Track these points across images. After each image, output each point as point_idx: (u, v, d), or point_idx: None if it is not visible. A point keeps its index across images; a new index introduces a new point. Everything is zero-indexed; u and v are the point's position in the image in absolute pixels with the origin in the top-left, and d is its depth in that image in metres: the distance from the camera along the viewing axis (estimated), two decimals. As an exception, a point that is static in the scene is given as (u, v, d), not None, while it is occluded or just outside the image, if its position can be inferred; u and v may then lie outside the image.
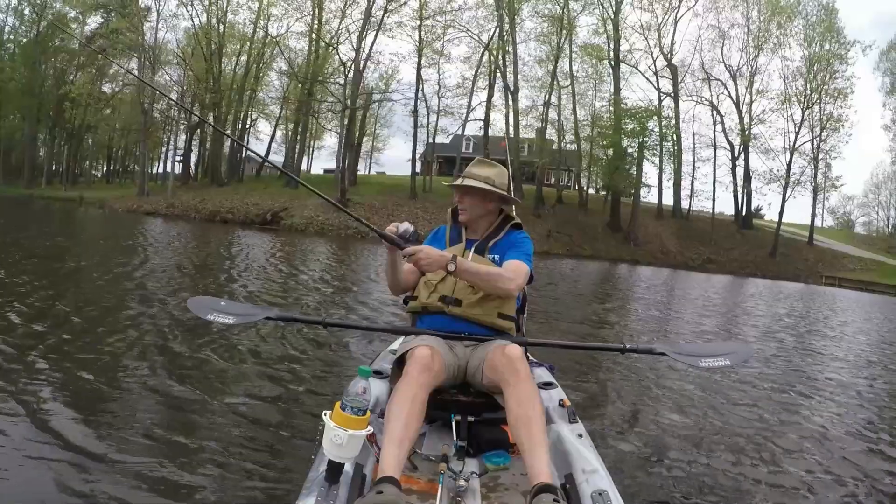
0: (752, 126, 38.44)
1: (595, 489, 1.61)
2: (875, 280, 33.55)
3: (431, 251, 2.09)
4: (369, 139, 49.06)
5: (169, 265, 9.56)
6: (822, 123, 38.03)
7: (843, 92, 37.66)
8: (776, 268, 35.29)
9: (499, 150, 38.26)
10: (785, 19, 37.89)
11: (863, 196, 61.44)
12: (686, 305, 11.53)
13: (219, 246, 15.02)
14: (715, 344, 2.55)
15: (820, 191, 39.79)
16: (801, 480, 2.82)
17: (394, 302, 7.15)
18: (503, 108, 36.90)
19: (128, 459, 2.44)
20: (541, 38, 37.50)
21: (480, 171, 2.38)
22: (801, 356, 6.60)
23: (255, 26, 37.02)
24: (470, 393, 2.15)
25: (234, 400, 3.35)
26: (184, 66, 38.85)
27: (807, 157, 38.62)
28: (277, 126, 43.07)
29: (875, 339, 9.84)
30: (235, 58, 39.33)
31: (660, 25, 38.07)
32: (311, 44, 36.10)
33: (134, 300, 6.06)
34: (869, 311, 16.85)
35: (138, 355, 4.03)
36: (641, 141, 35.94)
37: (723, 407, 3.96)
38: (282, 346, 4.74)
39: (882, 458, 3.30)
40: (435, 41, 36.46)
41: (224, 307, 2.39)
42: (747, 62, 38.94)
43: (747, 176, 39.14)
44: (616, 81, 36.91)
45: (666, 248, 35.90)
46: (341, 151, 35.46)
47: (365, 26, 34.00)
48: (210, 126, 35.60)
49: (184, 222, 26.27)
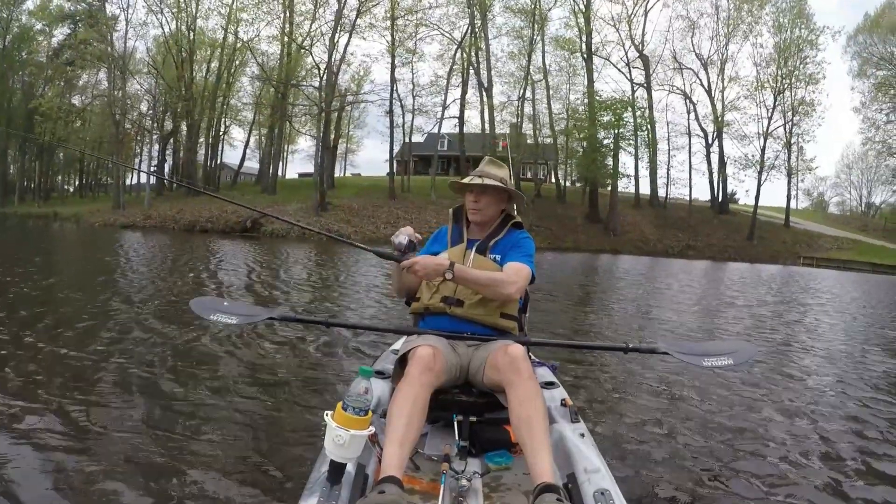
0: (725, 113, 39.67)
1: (597, 489, 1.63)
2: (853, 258, 34.70)
3: (428, 261, 2.15)
4: (343, 141, 49.33)
5: (156, 277, 9.77)
6: (793, 108, 39.32)
7: (814, 77, 39.07)
8: (754, 251, 36.52)
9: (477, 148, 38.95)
10: (756, 7, 39.01)
11: (835, 177, 63.70)
12: (676, 297, 11.71)
13: (203, 256, 15.30)
14: (718, 343, 2.74)
15: (794, 174, 41.02)
16: (810, 479, 2.79)
17: (394, 302, 7.46)
18: (478, 105, 37.50)
19: (130, 461, 2.55)
20: (513, 33, 38.25)
21: (496, 171, 2.41)
22: (807, 350, 6.41)
23: (225, 31, 37.36)
24: (472, 393, 2.17)
25: (235, 401, 3.46)
26: (155, 75, 38.83)
27: (780, 142, 39.93)
28: (251, 132, 43.28)
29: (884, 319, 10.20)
30: (206, 64, 39.46)
31: (630, 17, 39.13)
32: (282, 47, 36.48)
33: (129, 308, 6.33)
34: (864, 290, 17.40)
35: (138, 360, 4.20)
36: (617, 132, 36.80)
37: (726, 405, 3.95)
38: (283, 346, 4.87)
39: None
40: (407, 40, 37.08)
41: (227, 308, 2.43)
42: (718, 50, 40.30)
43: (722, 162, 40.40)
44: (589, 74, 37.96)
45: (645, 237, 36.84)
46: (319, 155, 35.76)
47: (337, 27, 34.34)
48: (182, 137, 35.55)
49: (163, 234, 26.27)
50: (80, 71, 38.49)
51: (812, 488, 2.70)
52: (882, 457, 3.12)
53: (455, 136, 41.66)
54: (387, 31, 36.01)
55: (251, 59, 38.77)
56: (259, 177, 41.93)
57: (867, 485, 2.75)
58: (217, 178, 40.44)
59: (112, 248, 16.24)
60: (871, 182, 61.52)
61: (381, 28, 35.98)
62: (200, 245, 18.82)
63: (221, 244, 20.16)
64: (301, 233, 29.85)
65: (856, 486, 2.72)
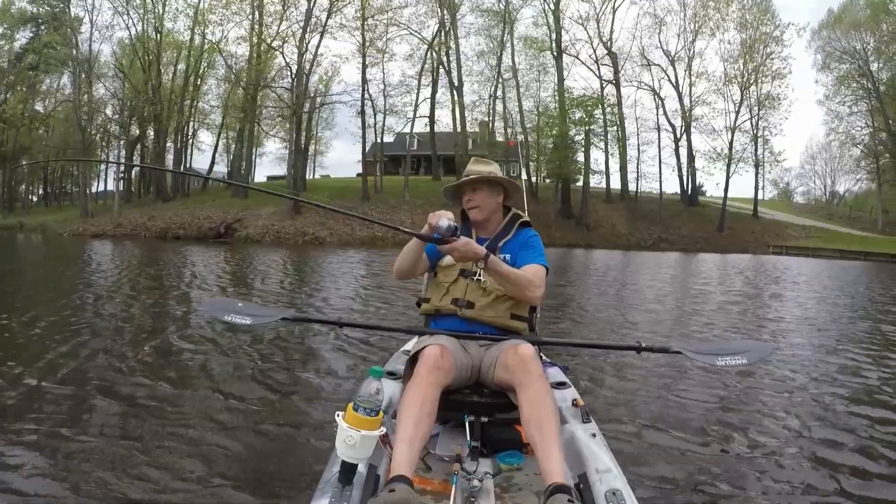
0: (693, 108, 41.33)
1: (609, 488, 1.65)
2: (821, 246, 36.03)
3: (469, 245, 2.14)
4: (313, 142, 49.57)
5: (148, 288, 9.69)
6: (760, 102, 41.14)
7: (780, 72, 40.98)
8: (724, 241, 38.07)
9: (449, 147, 39.73)
10: (723, 4, 40.79)
11: (800, 167, 66.67)
12: (666, 290, 12.06)
13: (183, 263, 15.34)
14: (731, 342, 2.72)
15: (762, 166, 42.72)
16: (824, 482, 2.78)
17: (404, 304, 7.77)
18: (449, 104, 38.37)
19: (139, 462, 2.66)
20: (483, 32, 39.14)
21: (483, 168, 2.48)
22: (823, 347, 6.25)
23: (192, 32, 37.43)
24: (483, 393, 2.20)
25: (247, 401, 3.58)
26: (122, 78, 38.70)
27: (748, 135, 41.82)
28: (220, 135, 43.50)
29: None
30: (173, 66, 39.38)
31: (598, 15, 40.27)
32: (251, 48, 36.76)
33: (137, 309, 6.77)
34: (854, 277, 18.12)
35: (142, 359, 4.47)
36: (588, 129, 37.91)
37: (740, 405, 3.97)
38: (294, 347, 5.04)
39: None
40: (377, 40, 37.70)
41: (240, 308, 2.46)
42: (685, 46, 42.04)
43: (691, 156, 42.02)
44: (559, 72, 39.07)
45: (618, 231, 38.04)
46: (292, 157, 36.04)
47: (306, 28, 34.70)
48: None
49: (134, 242, 26.33)
50: (43, 75, 38.13)
51: (832, 490, 2.68)
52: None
53: (424, 136, 42.55)
54: (357, 30, 36.60)
55: (219, 61, 38.93)
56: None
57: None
58: (186, 183, 40.38)
59: (87, 259, 16.02)
60: (834, 172, 64.81)
61: (351, 28, 36.54)
62: (177, 252, 18.94)
63: (198, 251, 20.33)
64: (276, 237, 30.55)
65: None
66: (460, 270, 2.37)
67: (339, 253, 21.69)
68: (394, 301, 8.41)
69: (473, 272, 2.34)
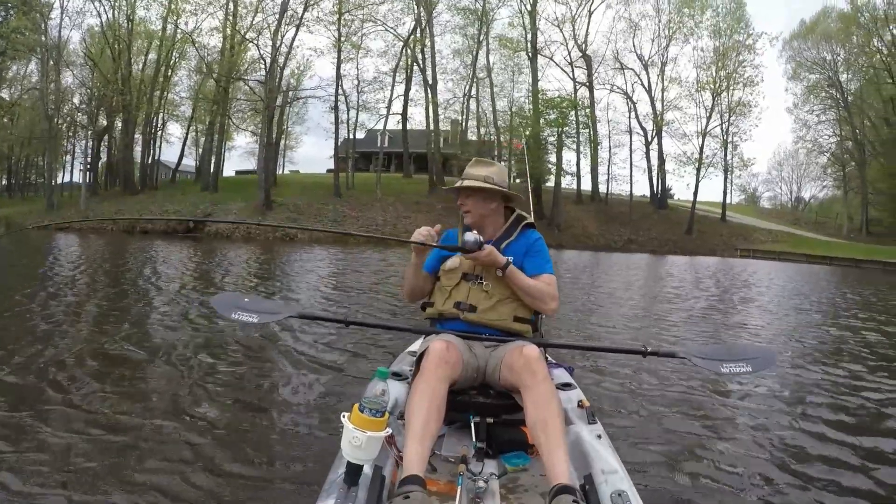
0: (664, 112, 42.61)
1: (614, 490, 1.67)
2: (787, 250, 37.34)
3: (493, 254, 2.27)
4: (283, 137, 49.61)
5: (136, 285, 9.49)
6: (731, 109, 42.40)
7: (752, 80, 42.24)
8: (693, 244, 39.28)
9: (421, 145, 40.19)
10: (697, 11, 42.01)
11: (767, 173, 69.06)
12: (643, 290, 12.52)
13: (155, 258, 15.10)
14: (737, 347, 2.77)
15: (731, 171, 44.12)
16: (836, 488, 2.80)
17: (406, 304, 7.72)
18: (422, 102, 38.93)
19: (143, 462, 2.68)
20: (458, 30, 39.68)
21: (479, 171, 2.48)
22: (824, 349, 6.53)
23: (165, 22, 37.13)
24: (489, 394, 2.23)
25: (252, 402, 3.63)
26: (91, 67, 38.34)
27: (718, 140, 43.14)
28: (190, 128, 43.32)
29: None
30: (144, 56, 39.13)
31: (574, 17, 40.98)
32: (224, 40, 36.70)
33: (131, 307, 6.74)
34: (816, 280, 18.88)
35: (144, 359, 4.53)
36: (561, 130, 38.72)
37: (745, 408, 4.03)
38: (300, 347, 5.08)
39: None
40: (353, 35, 38.01)
41: (247, 304, 2.46)
42: (659, 52, 43.19)
43: (661, 159, 43.26)
44: (534, 73, 39.77)
45: (588, 232, 38.91)
46: (262, 151, 36.05)
47: (281, 20, 34.83)
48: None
49: (100, 236, 26.13)
50: (10, 62, 37.60)
51: (844, 498, 2.71)
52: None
53: (395, 133, 42.99)
54: (333, 25, 36.79)
55: (191, 52, 38.78)
56: (198, 175, 42.05)
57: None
58: (155, 176, 40.15)
59: (50, 255, 15.19)
60: (800, 178, 67.48)
61: (327, 22, 36.71)
62: (147, 249, 18.62)
63: (167, 246, 20.13)
64: (246, 232, 30.15)
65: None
66: (463, 274, 2.41)
67: (307, 250, 21.66)
68: (397, 302, 8.38)
69: (476, 275, 2.39)
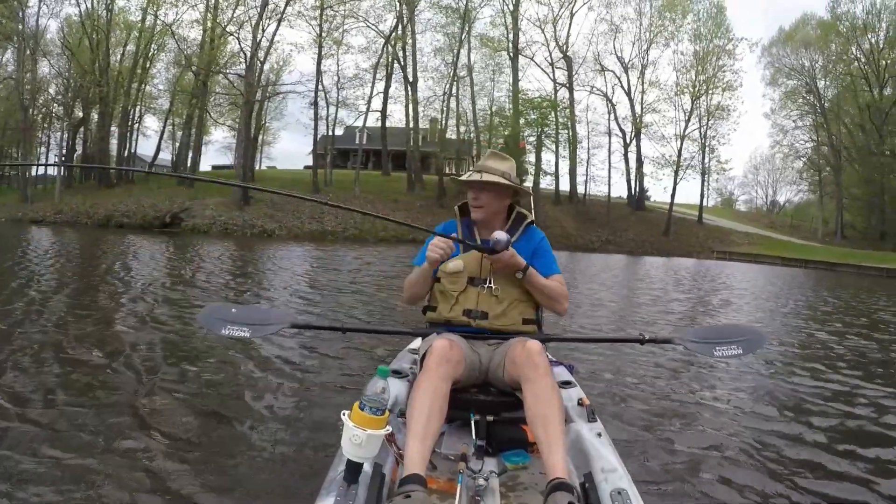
0: (643, 115, 43.41)
1: (614, 488, 1.67)
2: (763, 252, 38.14)
3: (515, 257, 2.27)
4: (261, 133, 49.58)
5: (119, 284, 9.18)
6: (710, 112, 43.27)
7: (731, 84, 43.15)
8: (670, 245, 39.97)
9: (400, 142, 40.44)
10: (678, 15, 42.81)
11: (743, 176, 70.55)
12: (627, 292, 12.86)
13: (128, 253, 15.11)
14: (729, 327, 2.83)
15: (708, 173, 44.91)
16: (839, 487, 2.81)
17: (398, 305, 7.79)
18: (402, 100, 39.34)
19: (142, 462, 2.68)
20: (440, 28, 40.04)
21: (497, 165, 2.43)
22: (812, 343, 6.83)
23: (144, 12, 36.96)
24: (489, 392, 2.23)
25: (251, 401, 3.62)
26: (68, 57, 38.07)
27: (696, 143, 43.99)
28: (167, 122, 43.28)
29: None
30: (122, 47, 38.93)
31: (556, 18, 41.41)
32: (204, 33, 36.62)
33: (112, 309, 6.61)
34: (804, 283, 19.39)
35: (144, 359, 4.48)
36: (541, 130, 39.28)
37: (745, 403, 4.05)
38: (299, 346, 5.08)
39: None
40: (334, 31, 38.25)
41: (237, 316, 2.41)
42: (639, 55, 43.87)
43: (640, 161, 44.02)
44: (515, 72, 40.21)
45: (567, 232, 39.42)
46: (241, 146, 36.11)
47: (263, 14, 35.00)
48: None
49: (75, 230, 26.00)
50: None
51: (845, 496, 2.71)
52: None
53: (373, 130, 43.25)
54: (314, 20, 36.99)
55: (171, 44, 38.61)
56: (175, 169, 41.98)
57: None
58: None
59: (26, 249, 15.08)
60: (776, 182, 69.20)
61: (308, 17, 36.88)
62: (122, 243, 18.52)
63: (143, 241, 19.94)
64: (223, 227, 30.24)
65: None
66: (469, 278, 2.37)
67: (287, 246, 21.76)
68: (392, 303, 8.35)
69: (483, 279, 2.36)
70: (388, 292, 9.57)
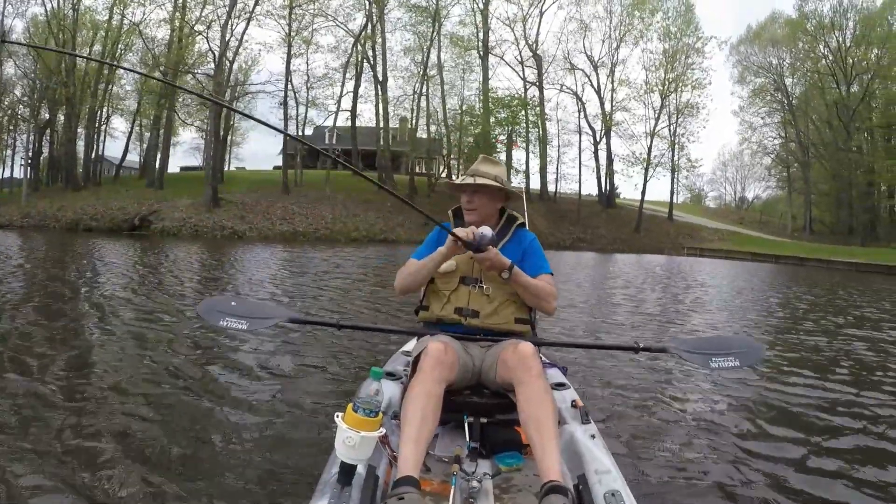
0: (613, 113, 44.27)
1: (608, 490, 1.69)
2: (733, 248, 38.99)
3: (499, 256, 2.25)
4: (230, 133, 49.58)
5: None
6: (679, 110, 44.38)
7: (700, 82, 44.26)
8: (641, 242, 41.08)
9: (371, 142, 40.82)
10: (648, 14, 43.73)
11: (711, 173, 72.09)
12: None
13: (98, 258, 14.97)
14: (724, 339, 2.79)
15: (678, 171, 46.00)
16: (826, 485, 2.83)
17: (400, 305, 7.80)
18: (372, 99, 39.86)
19: (137, 461, 2.69)
20: (410, 28, 40.57)
21: (490, 169, 2.48)
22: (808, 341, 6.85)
23: (111, 12, 36.94)
24: (483, 394, 2.26)
25: (245, 402, 3.63)
26: (34, 57, 37.80)
27: (666, 141, 45.01)
28: (135, 123, 43.26)
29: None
30: (89, 48, 38.77)
31: (525, 17, 42.13)
32: (172, 32, 36.65)
33: (116, 317, 6.49)
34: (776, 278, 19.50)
35: (144, 361, 4.52)
36: (511, 129, 39.93)
37: (738, 406, 4.07)
38: (293, 347, 5.10)
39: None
40: (303, 30, 38.57)
41: (235, 309, 2.44)
42: (609, 53, 44.76)
43: (610, 159, 45.09)
44: (485, 71, 40.96)
45: (538, 231, 39.30)
46: (211, 146, 36.37)
47: (231, 13, 35.28)
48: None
49: (43, 234, 25.79)
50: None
51: (839, 494, 2.73)
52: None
53: (343, 130, 43.55)
54: (283, 19, 37.34)
55: (138, 44, 38.54)
56: (143, 171, 42.01)
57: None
58: (98, 172, 39.94)
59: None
60: (744, 178, 70.86)
61: (277, 16, 37.19)
62: (90, 247, 18.39)
63: (111, 245, 19.74)
64: (193, 229, 30.33)
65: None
66: (461, 278, 2.41)
67: (250, 248, 21.82)
68: (386, 303, 8.42)
69: (475, 279, 2.40)
70: (383, 289, 9.83)
